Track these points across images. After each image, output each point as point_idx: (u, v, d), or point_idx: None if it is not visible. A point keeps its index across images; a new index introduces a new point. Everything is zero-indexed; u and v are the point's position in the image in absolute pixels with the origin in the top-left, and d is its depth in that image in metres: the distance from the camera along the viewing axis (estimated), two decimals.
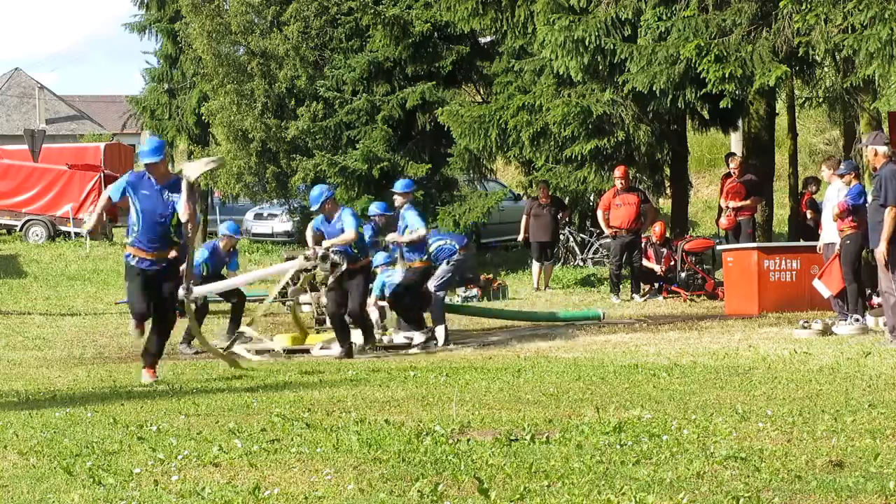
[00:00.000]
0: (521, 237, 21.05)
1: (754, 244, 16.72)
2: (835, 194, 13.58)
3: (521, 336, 14.53)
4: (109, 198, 10.45)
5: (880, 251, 11.61)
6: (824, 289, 13.70)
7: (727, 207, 18.47)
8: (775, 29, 16.13)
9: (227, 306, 19.81)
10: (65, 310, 19.11)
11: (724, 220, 18.63)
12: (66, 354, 14.05)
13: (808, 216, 19.09)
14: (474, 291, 19.51)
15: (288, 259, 19.19)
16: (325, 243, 12.68)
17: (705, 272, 18.75)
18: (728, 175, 19.13)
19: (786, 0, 15.59)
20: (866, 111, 22.60)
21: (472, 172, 22.82)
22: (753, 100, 19.33)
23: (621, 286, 18.68)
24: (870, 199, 12.15)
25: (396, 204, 14.06)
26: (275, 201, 28.24)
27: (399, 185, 14.24)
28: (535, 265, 20.55)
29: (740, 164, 18.87)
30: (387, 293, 14.28)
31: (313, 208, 13.13)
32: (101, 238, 30.97)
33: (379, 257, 14.79)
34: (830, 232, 13.77)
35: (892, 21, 14.40)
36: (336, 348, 12.94)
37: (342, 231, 12.59)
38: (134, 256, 10.21)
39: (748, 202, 18.46)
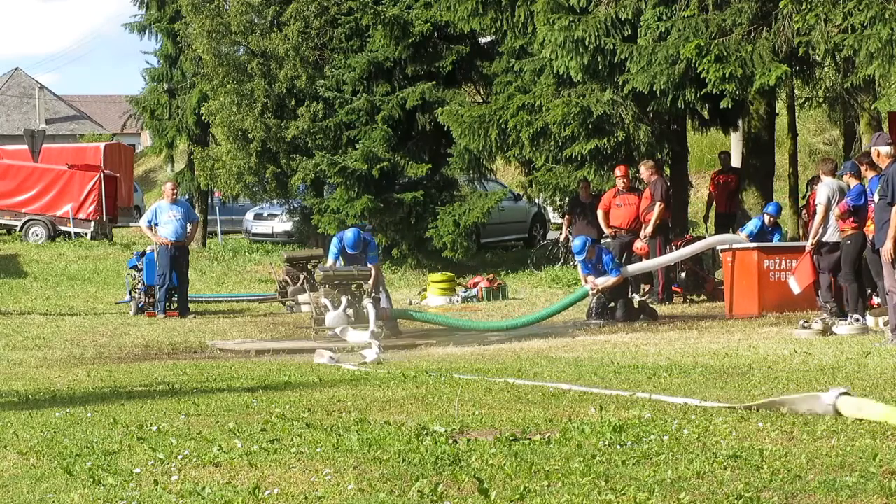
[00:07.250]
0: (562, 236, 21.09)
1: (754, 244, 16.70)
2: (825, 193, 13.82)
3: (522, 336, 14.54)
4: None
5: (887, 249, 11.59)
6: (795, 285, 14.22)
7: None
8: (775, 29, 16.12)
9: (227, 306, 19.83)
10: (65, 310, 19.10)
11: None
12: (66, 354, 14.04)
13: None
14: (474, 291, 19.49)
15: (288, 260, 19.20)
16: None
17: (705, 272, 18.73)
18: (719, 172, 20.24)
19: (786, 0, 15.59)
20: (866, 111, 22.62)
21: (472, 172, 22.80)
22: (753, 100, 19.33)
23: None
24: (876, 198, 12.16)
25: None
26: (275, 201, 28.22)
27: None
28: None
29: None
30: None
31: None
32: (102, 238, 30.98)
33: None
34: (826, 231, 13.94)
35: (892, 21, 14.39)
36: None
37: None
38: None
39: None
